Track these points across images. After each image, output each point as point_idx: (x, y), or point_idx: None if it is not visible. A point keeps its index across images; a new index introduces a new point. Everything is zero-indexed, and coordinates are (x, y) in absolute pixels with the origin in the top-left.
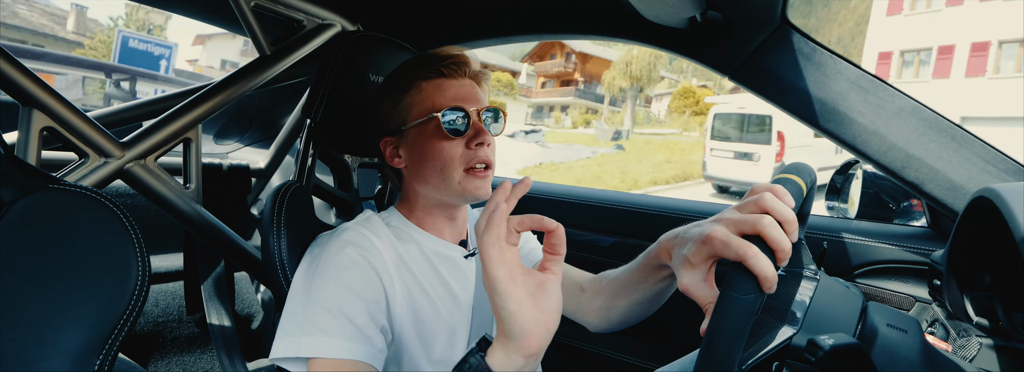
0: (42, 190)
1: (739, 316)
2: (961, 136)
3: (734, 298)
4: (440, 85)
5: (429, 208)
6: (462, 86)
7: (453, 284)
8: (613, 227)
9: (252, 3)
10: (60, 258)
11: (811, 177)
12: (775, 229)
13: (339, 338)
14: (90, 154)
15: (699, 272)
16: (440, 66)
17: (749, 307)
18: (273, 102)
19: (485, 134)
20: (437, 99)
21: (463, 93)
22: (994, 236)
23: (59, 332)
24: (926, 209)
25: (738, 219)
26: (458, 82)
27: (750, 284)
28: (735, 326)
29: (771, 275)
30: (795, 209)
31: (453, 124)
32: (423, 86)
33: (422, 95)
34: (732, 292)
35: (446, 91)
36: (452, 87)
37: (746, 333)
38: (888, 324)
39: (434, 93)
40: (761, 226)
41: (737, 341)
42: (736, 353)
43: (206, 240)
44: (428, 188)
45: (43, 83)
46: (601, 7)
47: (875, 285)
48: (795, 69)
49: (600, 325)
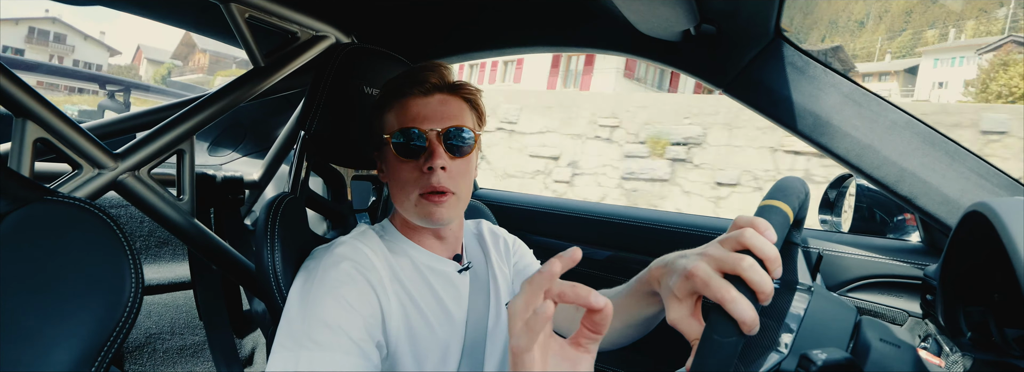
0: (36, 202)
1: (720, 358)
2: (954, 150)
3: (715, 341)
4: (407, 104)
5: (412, 225)
6: (428, 104)
7: (446, 300)
8: (608, 240)
9: (247, 15)
10: (53, 270)
11: (800, 194)
12: (755, 271)
13: (336, 353)
14: (84, 165)
15: (685, 306)
16: (412, 84)
17: (730, 349)
18: (267, 114)
19: (437, 157)
20: (400, 118)
21: (426, 111)
22: (987, 251)
23: (52, 344)
24: (919, 223)
25: (719, 257)
26: (424, 100)
27: (730, 327)
28: (716, 368)
29: (750, 319)
30: (778, 244)
31: (404, 146)
32: (395, 104)
33: (392, 113)
34: (714, 335)
35: (409, 110)
36: (416, 105)
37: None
38: (881, 339)
39: (399, 112)
40: (741, 269)
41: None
42: None
43: (199, 252)
44: (399, 207)
45: (37, 94)
46: (596, 20)
47: (868, 299)
48: (789, 82)
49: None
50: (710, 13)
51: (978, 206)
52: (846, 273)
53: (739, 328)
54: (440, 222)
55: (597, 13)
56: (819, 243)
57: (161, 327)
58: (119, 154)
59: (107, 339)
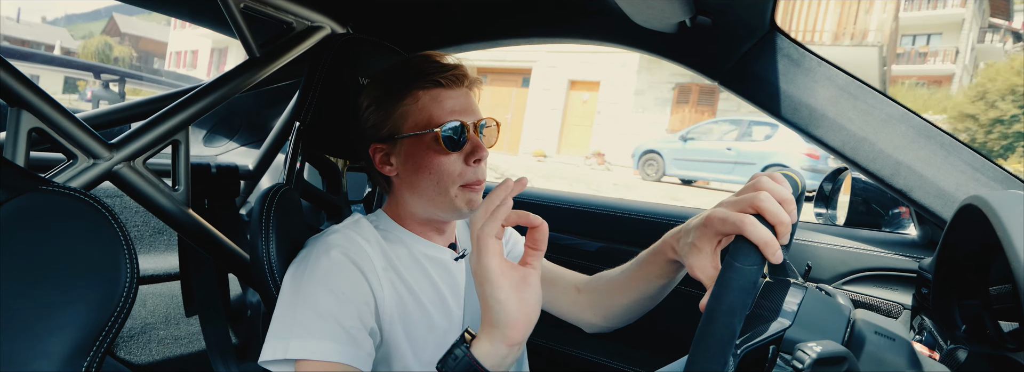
0: (31, 191)
1: (740, 287)
2: (950, 144)
3: (736, 268)
4: (437, 96)
5: (415, 217)
6: (459, 97)
7: (443, 287)
8: (600, 232)
9: (241, 5)
10: (48, 260)
11: (800, 185)
12: (772, 203)
13: (327, 340)
14: (78, 155)
15: (705, 254)
16: (439, 76)
17: (750, 277)
18: (262, 105)
19: (482, 150)
20: (434, 111)
21: (461, 105)
22: (982, 244)
23: (47, 334)
24: (914, 217)
25: (735, 200)
26: (456, 92)
27: (752, 254)
28: (736, 296)
29: (772, 240)
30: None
31: (452, 139)
32: (420, 96)
33: (419, 105)
34: (734, 262)
35: (444, 103)
36: (450, 98)
37: (748, 304)
38: (876, 332)
39: (431, 104)
40: (758, 201)
41: (738, 311)
42: (737, 323)
43: (194, 243)
44: (421, 200)
45: (31, 84)
46: (591, 12)
47: (863, 292)
48: (784, 75)
49: (598, 324)
50: (705, 5)
51: (973, 199)
52: (841, 266)
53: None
54: (477, 208)
55: (593, 4)
56: (814, 236)
57: (157, 317)
58: (114, 144)
59: (102, 329)
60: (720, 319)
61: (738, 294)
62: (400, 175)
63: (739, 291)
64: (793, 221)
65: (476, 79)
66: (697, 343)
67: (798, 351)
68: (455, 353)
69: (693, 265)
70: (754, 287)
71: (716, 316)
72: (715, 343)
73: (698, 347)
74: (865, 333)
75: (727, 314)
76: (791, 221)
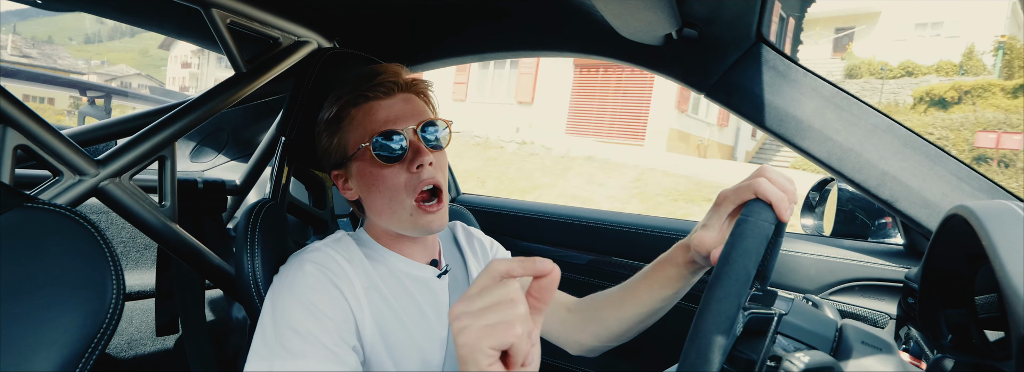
0: (16, 208)
1: (754, 235)
2: (935, 154)
3: (750, 221)
4: (370, 109)
5: (390, 234)
6: (392, 105)
7: (425, 306)
8: (590, 245)
9: (228, 20)
10: (34, 276)
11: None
12: (778, 175)
13: (309, 360)
14: (64, 172)
15: (713, 229)
16: (365, 90)
17: (764, 230)
18: (249, 119)
19: (424, 154)
20: (368, 125)
21: (395, 113)
22: (968, 254)
23: (33, 351)
24: (900, 227)
25: (740, 185)
26: (388, 102)
27: (765, 209)
28: (751, 242)
29: (783, 197)
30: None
31: (387, 149)
32: (354, 114)
33: (355, 122)
34: (748, 217)
35: (376, 114)
36: (382, 109)
37: (761, 252)
38: (863, 342)
39: (365, 119)
40: (766, 173)
41: (753, 256)
42: (752, 267)
43: (181, 258)
44: (382, 219)
45: (17, 101)
46: (577, 25)
47: (850, 302)
48: (770, 86)
49: (587, 343)
50: (692, 17)
51: (959, 209)
52: (828, 276)
53: (772, 212)
54: (437, 230)
55: (579, 17)
56: (801, 246)
57: (143, 333)
58: (100, 161)
59: (88, 346)
60: (736, 261)
61: (753, 241)
62: (361, 197)
63: (754, 239)
64: (792, 200)
65: (412, 82)
66: (713, 282)
67: (786, 362)
68: None
69: (700, 237)
70: (766, 240)
71: (732, 258)
72: (731, 283)
73: (714, 287)
74: (852, 343)
75: (743, 256)
76: (794, 194)
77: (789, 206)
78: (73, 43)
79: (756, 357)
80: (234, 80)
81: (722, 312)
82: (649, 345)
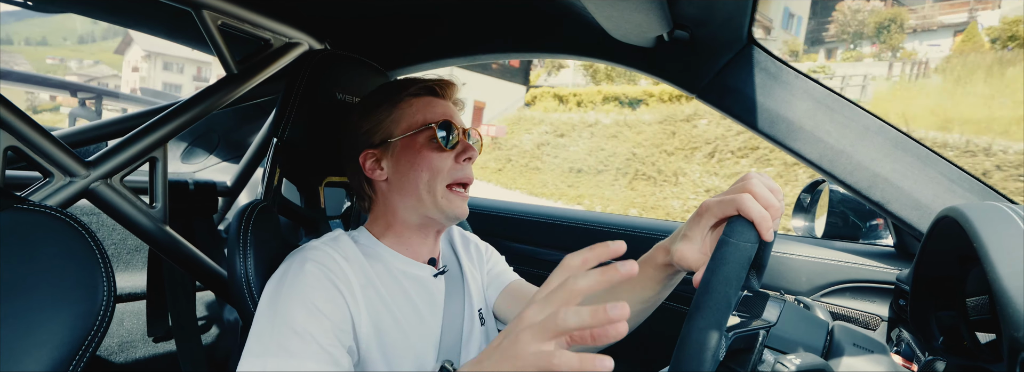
0: (7, 210)
1: (736, 260)
2: (926, 156)
3: (731, 243)
4: (430, 102)
5: (405, 224)
6: (449, 106)
7: (421, 305)
8: (579, 246)
9: (219, 22)
10: (25, 278)
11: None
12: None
13: (305, 359)
14: (55, 173)
15: (694, 241)
16: (431, 84)
17: (746, 253)
18: (240, 121)
19: (472, 150)
20: (428, 114)
21: (451, 112)
22: (959, 256)
23: (23, 354)
24: (891, 228)
25: (727, 192)
26: (445, 102)
27: (747, 230)
28: (732, 268)
29: (766, 216)
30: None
31: (446, 136)
32: (413, 102)
33: (413, 109)
34: (730, 239)
35: (436, 107)
36: (440, 105)
37: (742, 278)
38: (854, 344)
39: (425, 108)
40: (750, 186)
41: (734, 283)
42: (733, 295)
43: (172, 260)
44: (409, 201)
45: (7, 102)
46: (569, 27)
47: (841, 304)
48: (761, 88)
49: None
50: (683, 19)
51: (950, 211)
52: (819, 278)
53: (754, 232)
54: (462, 217)
55: (570, 19)
56: (793, 248)
57: (135, 335)
58: (91, 162)
59: (79, 348)
60: (717, 289)
61: (734, 266)
62: (390, 179)
63: (735, 264)
64: (775, 214)
65: (459, 100)
66: (693, 313)
67: (777, 364)
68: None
69: (681, 251)
70: (748, 263)
71: (713, 286)
72: (711, 312)
73: (694, 316)
74: (844, 345)
75: (723, 284)
76: (779, 209)
77: (772, 225)
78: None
79: (743, 371)
80: (225, 81)
81: (703, 343)
82: (637, 345)
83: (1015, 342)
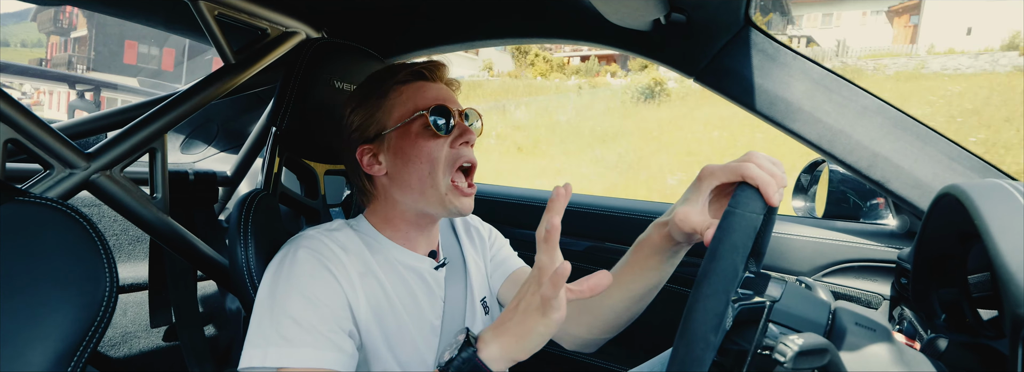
0: (8, 202)
1: (742, 228)
2: (925, 134)
3: (737, 213)
4: (420, 87)
5: (406, 218)
6: (441, 88)
7: (421, 297)
8: (587, 231)
9: (216, 12)
10: (27, 270)
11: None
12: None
13: (305, 347)
14: (55, 165)
15: (695, 204)
16: (419, 68)
17: (752, 222)
18: (239, 110)
19: (470, 133)
20: (419, 100)
21: (444, 94)
22: (960, 233)
23: (26, 345)
24: (892, 207)
25: (728, 165)
26: (436, 85)
27: (753, 199)
28: (739, 236)
29: (771, 181)
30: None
31: (439, 122)
32: (402, 90)
33: (403, 97)
34: (736, 209)
35: (427, 92)
36: (431, 89)
37: (750, 246)
38: (857, 323)
39: (415, 95)
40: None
41: (741, 251)
42: (740, 263)
43: (173, 250)
44: (411, 195)
45: (6, 95)
46: (565, 11)
47: (843, 284)
48: (759, 70)
49: (581, 336)
50: (680, 2)
51: (950, 189)
52: (820, 258)
53: (761, 201)
54: (466, 213)
55: (566, 4)
56: (794, 228)
57: (138, 325)
58: (91, 154)
59: (82, 339)
60: (725, 256)
61: (741, 235)
62: (389, 173)
63: (742, 232)
64: (781, 183)
65: (453, 80)
66: (701, 280)
67: (780, 344)
68: (462, 355)
69: (684, 213)
70: (754, 233)
71: (720, 253)
72: (719, 279)
73: (702, 283)
74: (846, 325)
75: (731, 251)
76: (782, 179)
77: (777, 189)
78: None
79: (747, 347)
80: (223, 71)
81: (710, 310)
82: (640, 330)
83: (1017, 318)
